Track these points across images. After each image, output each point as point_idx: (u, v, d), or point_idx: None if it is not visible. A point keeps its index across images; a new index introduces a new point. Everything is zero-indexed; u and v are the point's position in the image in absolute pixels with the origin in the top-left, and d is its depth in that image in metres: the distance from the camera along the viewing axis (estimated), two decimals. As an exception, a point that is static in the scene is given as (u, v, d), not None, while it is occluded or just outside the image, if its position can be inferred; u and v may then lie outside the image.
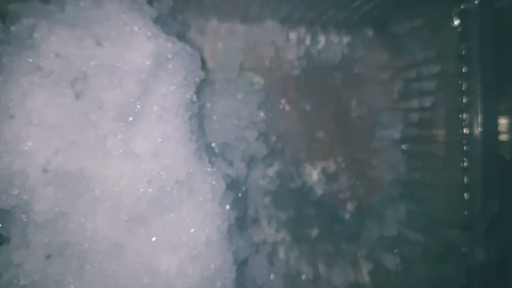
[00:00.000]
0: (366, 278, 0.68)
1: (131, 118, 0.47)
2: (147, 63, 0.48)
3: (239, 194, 0.63)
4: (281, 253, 0.66)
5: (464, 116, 0.59)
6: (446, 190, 0.63)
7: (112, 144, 0.47)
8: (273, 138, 0.66)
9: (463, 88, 0.60)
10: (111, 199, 0.49)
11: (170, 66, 0.49)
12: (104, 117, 0.47)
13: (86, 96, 0.50)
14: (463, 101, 0.59)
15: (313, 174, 0.67)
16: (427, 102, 0.64)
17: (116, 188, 0.48)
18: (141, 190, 0.48)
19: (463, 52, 0.59)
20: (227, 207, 0.56)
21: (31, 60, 0.51)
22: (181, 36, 0.56)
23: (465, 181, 0.60)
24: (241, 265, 0.64)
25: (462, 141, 0.59)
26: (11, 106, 0.50)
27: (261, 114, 0.64)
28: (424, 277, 0.65)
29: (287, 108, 0.67)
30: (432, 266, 0.65)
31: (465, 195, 0.59)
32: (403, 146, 0.68)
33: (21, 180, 0.47)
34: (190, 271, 0.52)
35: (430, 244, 0.65)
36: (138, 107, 0.48)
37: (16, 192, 0.47)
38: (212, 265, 0.53)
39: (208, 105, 0.62)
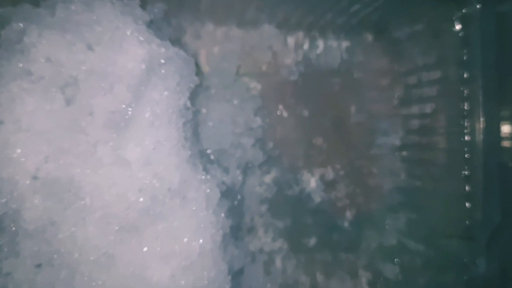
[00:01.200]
0: (365, 288, 0.67)
1: (122, 125, 0.46)
2: (139, 68, 0.47)
3: (235, 202, 0.61)
4: (278, 263, 0.65)
5: (466, 122, 0.58)
6: (447, 198, 0.61)
7: (103, 152, 0.46)
8: (270, 145, 0.65)
9: (464, 94, 0.58)
10: (102, 207, 0.47)
11: (163, 71, 0.47)
12: (94, 124, 0.46)
13: (76, 102, 0.48)
14: (465, 107, 0.58)
15: (311, 182, 0.66)
16: (428, 108, 0.63)
17: (106, 196, 0.47)
18: (133, 198, 0.47)
19: (464, 58, 0.57)
20: (222, 215, 0.55)
21: (21, 65, 0.49)
22: (176, 41, 0.55)
23: (466, 189, 0.58)
24: (237, 274, 0.63)
25: (463, 148, 0.58)
26: (0, 111, 0.49)
27: (258, 120, 0.63)
28: (424, 287, 0.64)
29: (285, 114, 0.65)
30: (433, 276, 0.63)
31: (467, 204, 0.58)
32: (403, 153, 0.66)
33: (10, 188, 0.46)
34: (183, 282, 0.50)
35: (430, 254, 0.63)
36: (130, 113, 0.46)
37: (4, 200, 0.46)
38: (205, 276, 0.51)
39: (204, 111, 0.60)
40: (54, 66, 0.49)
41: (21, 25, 0.49)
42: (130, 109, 0.46)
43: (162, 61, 0.47)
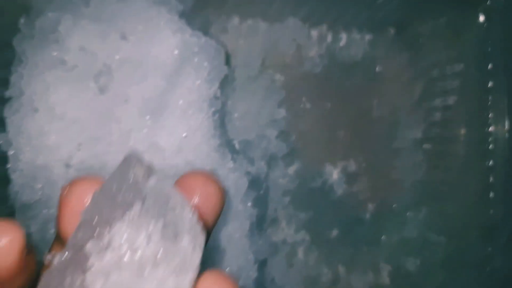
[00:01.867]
0: (387, 281, 0.67)
1: (157, 112, 0.46)
2: (173, 57, 0.47)
3: (261, 192, 0.62)
4: (301, 254, 0.65)
5: (489, 114, 0.58)
6: (469, 191, 0.62)
7: (137, 139, 0.47)
8: (293, 137, 0.65)
9: (488, 86, 0.59)
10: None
11: (196, 60, 0.48)
12: (129, 112, 0.47)
13: (110, 91, 0.49)
14: (488, 99, 0.58)
15: (333, 174, 0.66)
16: (450, 101, 0.63)
17: (139, 183, 0.48)
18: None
19: (488, 49, 0.58)
20: (249, 204, 0.56)
21: (55, 54, 0.50)
22: (204, 33, 0.56)
23: (490, 181, 0.59)
24: (261, 265, 0.63)
25: (487, 140, 0.58)
26: (35, 99, 0.50)
27: (282, 112, 0.64)
28: (445, 280, 0.64)
29: (308, 106, 0.66)
30: (454, 269, 0.63)
31: (491, 195, 0.58)
32: (425, 146, 0.67)
33: (45, 175, 0.47)
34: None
35: (452, 246, 0.63)
36: (164, 101, 0.47)
37: (40, 185, 0.47)
38: (234, 263, 0.52)
39: (229, 102, 0.61)
40: (88, 55, 0.50)
41: (56, 15, 0.50)
42: (163, 97, 0.47)
43: (196, 49, 0.47)
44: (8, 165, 0.49)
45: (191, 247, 0.21)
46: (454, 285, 0.63)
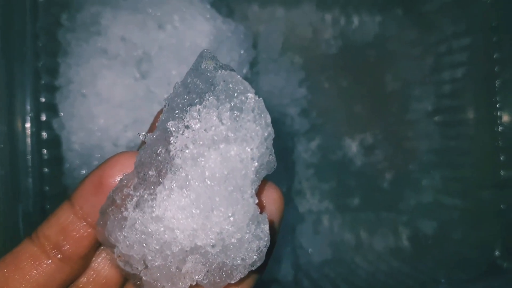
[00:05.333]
0: (406, 243, 0.72)
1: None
2: (208, 41, 0.52)
3: (286, 166, 0.67)
4: (325, 222, 0.71)
5: (496, 83, 0.63)
6: (480, 155, 0.66)
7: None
8: (314, 114, 0.70)
9: (494, 57, 0.63)
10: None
11: (229, 44, 0.53)
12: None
13: (152, 75, 0.54)
14: (494, 69, 0.63)
15: (352, 147, 0.71)
16: (459, 73, 0.68)
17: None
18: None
19: (493, 24, 0.63)
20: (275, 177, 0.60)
21: (99, 44, 0.55)
22: (232, 19, 0.60)
23: (499, 145, 0.63)
24: (289, 232, 0.68)
25: (494, 107, 0.63)
26: (83, 86, 0.55)
27: (302, 91, 0.68)
28: (463, 239, 0.69)
29: (326, 85, 0.71)
30: (471, 227, 0.68)
31: (500, 157, 0.63)
32: (436, 117, 0.72)
33: (99, 153, 0.52)
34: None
35: (467, 206, 0.68)
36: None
37: (96, 163, 0.52)
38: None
39: (254, 84, 0.66)
40: (128, 44, 0.55)
41: (97, 8, 0.55)
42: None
43: (229, 34, 0.52)
44: (63, 147, 0.54)
45: (255, 122, 0.27)
46: (469, 244, 0.68)
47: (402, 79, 0.72)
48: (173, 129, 0.26)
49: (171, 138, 0.26)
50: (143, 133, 0.28)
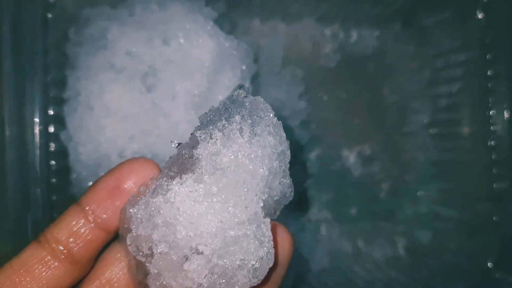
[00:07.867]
0: (403, 253, 0.74)
1: (201, 106, 0.53)
2: (211, 58, 0.54)
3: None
4: (324, 231, 0.72)
5: (490, 98, 0.65)
6: (475, 168, 0.68)
7: (185, 130, 0.53)
8: (313, 125, 0.72)
9: (488, 74, 0.65)
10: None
11: (231, 61, 0.55)
12: (176, 107, 0.54)
13: (157, 89, 0.56)
14: (488, 85, 0.65)
15: (351, 158, 0.73)
16: (455, 88, 0.70)
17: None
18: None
19: (486, 41, 0.65)
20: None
21: (105, 59, 0.57)
22: (234, 36, 0.62)
23: (493, 158, 0.65)
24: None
25: (488, 122, 0.65)
26: (90, 99, 0.56)
27: (302, 103, 0.70)
28: (458, 249, 0.71)
29: (325, 97, 0.73)
30: (466, 238, 0.70)
31: (494, 171, 0.65)
32: (433, 129, 0.74)
33: (107, 163, 0.54)
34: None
35: (462, 218, 0.70)
36: (206, 97, 0.54)
37: (102, 173, 0.54)
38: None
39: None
40: (134, 59, 0.57)
41: (104, 23, 0.57)
42: (206, 93, 0.54)
43: (232, 51, 0.54)
44: (71, 158, 0.56)
45: (273, 137, 0.32)
46: (467, 252, 0.70)
47: (400, 92, 0.74)
48: (200, 137, 0.31)
49: (198, 145, 0.31)
50: (175, 141, 0.34)
